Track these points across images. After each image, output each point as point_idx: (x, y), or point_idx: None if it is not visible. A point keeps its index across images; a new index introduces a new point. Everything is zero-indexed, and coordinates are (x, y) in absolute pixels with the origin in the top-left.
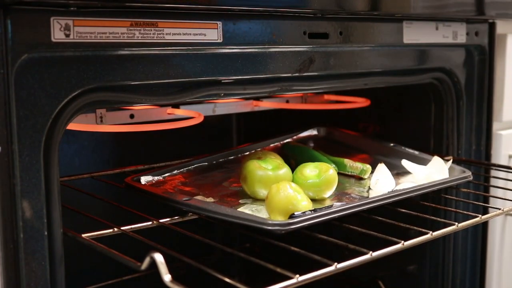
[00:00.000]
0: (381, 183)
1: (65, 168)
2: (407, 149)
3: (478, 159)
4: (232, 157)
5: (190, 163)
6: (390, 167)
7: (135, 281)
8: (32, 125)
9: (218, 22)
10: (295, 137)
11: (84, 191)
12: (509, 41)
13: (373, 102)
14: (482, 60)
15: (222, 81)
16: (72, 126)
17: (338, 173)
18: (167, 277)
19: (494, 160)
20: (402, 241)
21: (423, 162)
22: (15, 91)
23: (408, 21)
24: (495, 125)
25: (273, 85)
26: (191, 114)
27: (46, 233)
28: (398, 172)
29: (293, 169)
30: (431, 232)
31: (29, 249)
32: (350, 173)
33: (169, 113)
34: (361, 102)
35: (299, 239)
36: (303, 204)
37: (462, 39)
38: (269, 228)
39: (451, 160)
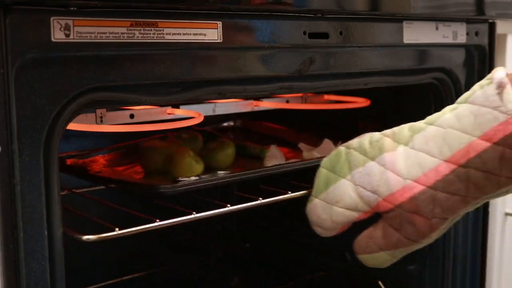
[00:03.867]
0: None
1: None
2: (311, 134)
3: None
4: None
5: (116, 148)
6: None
7: (135, 281)
8: (32, 125)
9: (218, 22)
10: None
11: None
12: (509, 41)
13: (373, 102)
14: (482, 60)
15: (222, 81)
16: (72, 126)
17: (241, 154)
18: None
19: None
20: (260, 199)
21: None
22: (15, 91)
23: (408, 21)
24: None
25: (273, 85)
26: (191, 114)
27: (46, 233)
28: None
29: None
30: (260, 198)
31: (29, 249)
32: (251, 154)
33: (169, 113)
34: (361, 102)
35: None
36: (197, 165)
37: (462, 39)
38: (161, 190)
39: (339, 143)
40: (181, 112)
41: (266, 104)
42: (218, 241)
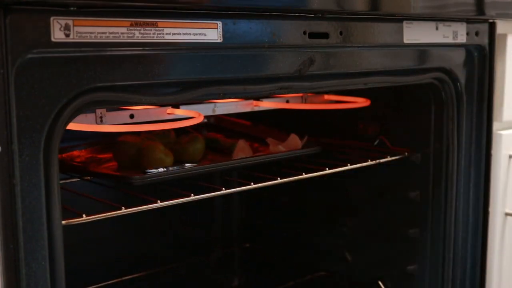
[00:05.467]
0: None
1: None
2: (277, 130)
3: (478, 159)
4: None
5: (95, 143)
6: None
7: (135, 281)
8: (32, 125)
9: (218, 22)
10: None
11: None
12: (509, 41)
13: (373, 102)
14: (482, 60)
15: (222, 81)
16: (72, 126)
17: (214, 147)
18: None
19: (494, 160)
20: (224, 188)
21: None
22: (15, 91)
23: (408, 21)
24: (495, 125)
25: (273, 85)
26: (191, 114)
27: (46, 233)
28: None
29: None
30: (223, 188)
31: (29, 249)
32: (222, 147)
33: (169, 113)
34: (361, 102)
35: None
36: (167, 159)
37: (462, 39)
38: (132, 181)
39: (305, 138)
40: (181, 112)
41: (266, 104)
42: (218, 241)
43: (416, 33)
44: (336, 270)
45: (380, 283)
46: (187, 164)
